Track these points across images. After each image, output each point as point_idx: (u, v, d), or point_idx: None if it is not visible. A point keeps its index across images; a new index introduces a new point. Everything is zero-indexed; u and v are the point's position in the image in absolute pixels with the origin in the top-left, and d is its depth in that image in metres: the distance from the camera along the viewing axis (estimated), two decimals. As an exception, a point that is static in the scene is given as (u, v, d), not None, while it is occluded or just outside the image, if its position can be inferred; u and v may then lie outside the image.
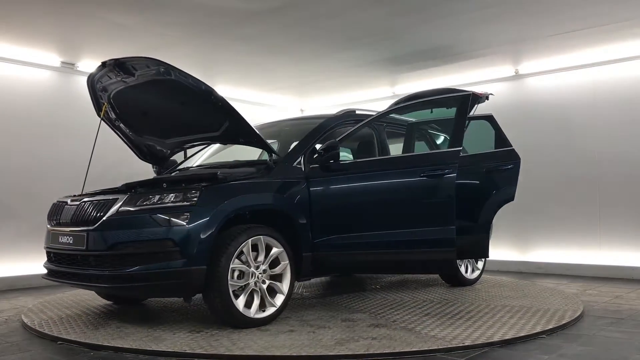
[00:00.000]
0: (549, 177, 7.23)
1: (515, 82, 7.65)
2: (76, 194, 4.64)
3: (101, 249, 3.91)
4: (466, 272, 5.86)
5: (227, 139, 5.14)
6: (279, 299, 4.16)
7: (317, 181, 4.50)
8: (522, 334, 3.71)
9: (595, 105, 6.98)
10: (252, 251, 4.02)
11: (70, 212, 4.29)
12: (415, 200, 4.63)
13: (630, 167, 6.67)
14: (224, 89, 8.76)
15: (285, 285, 4.18)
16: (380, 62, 7.30)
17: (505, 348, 3.48)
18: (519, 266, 7.38)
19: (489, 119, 5.42)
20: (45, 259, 4.64)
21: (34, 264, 6.64)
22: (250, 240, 3.98)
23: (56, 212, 4.51)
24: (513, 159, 5.30)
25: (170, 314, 4.61)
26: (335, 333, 3.79)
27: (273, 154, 4.61)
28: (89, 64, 7.13)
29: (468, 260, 5.84)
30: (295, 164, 4.56)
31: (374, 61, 7.24)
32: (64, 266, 4.24)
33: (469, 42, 6.44)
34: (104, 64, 4.45)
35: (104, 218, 3.96)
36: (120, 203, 3.99)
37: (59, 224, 4.39)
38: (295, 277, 4.34)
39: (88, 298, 5.48)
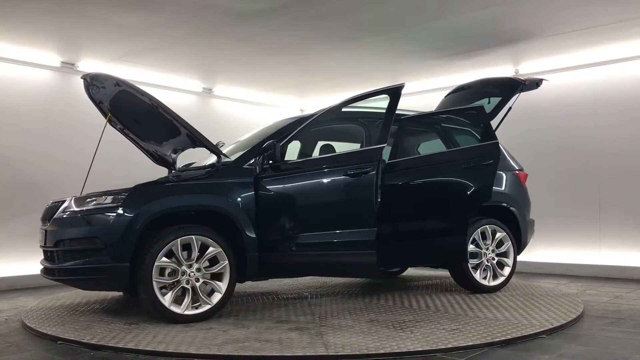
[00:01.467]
0: (549, 177, 7.22)
1: (515, 82, 7.64)
2: (77, 195, 4.67)
3: (50, 246, 4.39)
4: (484, 278, 5.31)
5: (191, 143, 5.21)
6: (216, 297, 4.27)
7: (263, 182, 4.56)
8: (522, 334, 3.71)
9: (595, 105, 6.98)
10: (187, 250, 4.22)
11: (44, 212, 4.74)
12: (338, 201, 4.59)
13: (631, 167, 6.67)
14: (224, 89, 8.78)
15: (224, 285, 4.28)
16: (380, 62, 7.30)
17: (505, 348, 3.48)
18: (519, 266, 7.34)
19: (479, 109, 5.14)
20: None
21: (34, 264, 6.62)
22: (179, 239, 4.17)
23: (44, 212, 4.84)
24: (493, 154, 4.90)
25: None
26: (241, 333, 3.80)
27: (222, 156, 4.77)
28: (89, 64, 7.14)
29: (489, 264, 5.33)
30: (246, 165, 4.64)
31: (374, 61, 7.23)
32: (43, 262, 4.67)
33: (469, 42, 6.44)
34: (84, 79, 4.79)
35: (54, 217, 4.42)
36: (67, 204, 4.43)
37: (42, 223, 4.76)
38: (239, 277, 4.48)
39: (88, 298, 5.48)
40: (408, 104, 6.00)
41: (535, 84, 5.58)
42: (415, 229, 4.97)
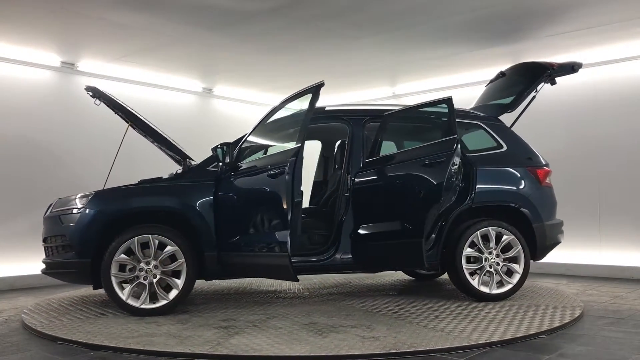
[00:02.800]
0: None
1: (515, 82, 7.64)
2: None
3: (42, 241, 4.94)
4: (487, 285, 4.88)
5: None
6: (173, 293, 4.49)
7: (223, 183, 4.71)
8: (522, 334, 3.71)
9: (595, 105, 6.98)
10: (146, 248, 4.49)
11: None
12: (258, 203, 4.56)
13: (631, 167, 6.67)
14: (224, 89, 8.78)
15: (181, 282, 4.50)
16: (380, 62, 7.30)
17: (505, 348, 3.48)
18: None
19: (447, 102, 4.73)
20: None
21: (34, 264, 6.64)
22: (136, 238, 4.45)
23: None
24: (446, 150, 4.50)
25: (171, 313, 4.61)
26: (185, 328, 3.92)
27: (188, 159, 5.03)
28: (89, 64, 7.14)
29: (493, 271, 4.89)
30: (210, 167, 4.84)
31: (374, 61, 7.24)
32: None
33: (469, 42, 6.44)
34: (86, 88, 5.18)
35: (44, 215, 4.98)
36: (53, 204, 4.96)
37: None
38: (199, 275, 4.67)
39: (88, 298, 5.48)
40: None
41: (570, 68, 5.27)
42: (374, 230, 4.79)
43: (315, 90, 4.47)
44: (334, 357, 3.30)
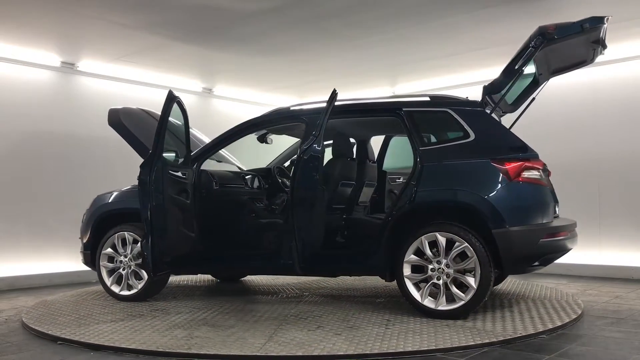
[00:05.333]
0: (549, 177, 7.22)
1: (515, 82, 7.63)
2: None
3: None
4: (433, 298, 4.22)
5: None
6: (141, 284, 5.14)
7: None
8: (522, 334, 3.71)
9: (595, 105, 6.98)
10: (126, 244, 5.21)
11: None
12: None
13: (631, 167, 6.66)
14: (224, 89, 8.78)
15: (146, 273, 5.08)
16: (380, 62, 7.30)
17: (505, 348, 3.48)
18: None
19: (332, 95, 4.50)
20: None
21: (34, 264, 6.66)
22: (116, 234, 5.23)
23: None
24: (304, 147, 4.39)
25: (171, 313, 4.61)
26: (185, 327, 3.85)
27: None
28: (89, 64, 7.14)
29: (442, 283, 4.20)
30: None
31: (374, 61, 7.23)
32: None
33: (468, 42, 6.44)
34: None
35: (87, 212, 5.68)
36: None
37: None
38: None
39: (88, 298, 5.48)
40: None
41: (579, 26, 4.20)
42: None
43: (166, 100, 4.69)
44: (334, 357, 3.30)
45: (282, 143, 6.40)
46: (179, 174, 4.86)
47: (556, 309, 4.51)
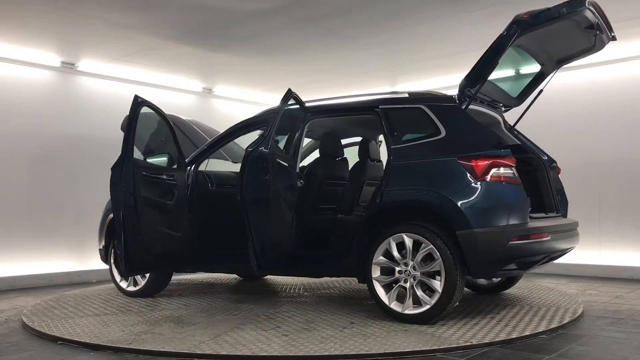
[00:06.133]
0: (549, 177, 7.22)
1: (515, 82, 7.64)
2: None
3: None
4: (401, 302, 4.09)
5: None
6: (144, 281, 5.43)
7: None
8: (522, 334, 3.71)
9: (595, 105, 6.98)
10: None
11: None
12: None
13: (631, 168, 6.66)
14: (224, 89, 8.78)
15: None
16: (380, 62, 7.30)
17: (505, 348, 3.48)
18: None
19: (286, 95, 4.58)
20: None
21: (34, 264, 6.66)
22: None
23: None
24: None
25: (171, 313, 4.61)
26: (183, 327, 3.83)
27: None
28: (89, 64, 7.14)
29: (409, 286, 4.07)
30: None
31: (374, 61, 7.23)
32: None
33: (469, 42, 6.44)
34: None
35: None
36: None
37: None
38: None
39: (88, 298, 5.48)
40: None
41: (556, 13, 3.88)
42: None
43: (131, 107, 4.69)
44: (334, 357, 3.30)
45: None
46: (164, 175, 4.96)
47: (556, 309, 4.51)
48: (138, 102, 4.63)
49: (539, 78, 4.93)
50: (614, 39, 4.46)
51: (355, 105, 4.90)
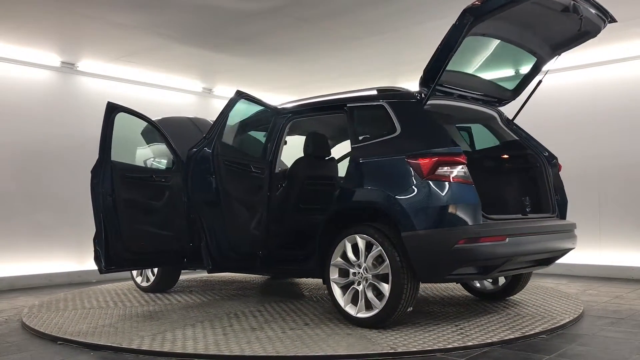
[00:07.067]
0: (549, 177, 7.22)
1: (515, 82, 7.64)
2: None
3: None
4: (355, 305, 4.01)
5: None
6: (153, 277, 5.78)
7: None
8: (522, 334, 3.71)
9: (595, 104, 6.98)
10: None
11: None
12: None
13: (631, 167, 6.66)
14: (224, 89, 8.78)
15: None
16: (380, 62, 7.30)
17: (505, 348, 3.48)
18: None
19: (232, 97, 4.74)
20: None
21: (34, 264, 6.66)
22: None
23: None
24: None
25: (173, 313, 4.61)
26: (182, 328, 3.82)
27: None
28: (89, 64, 7.14)
29: (362, 289, 3.97)
30: None
31: (374, 61, 7.23)
32: None
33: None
34: None
35: None
36: None
37: None
38: None
39: (88, 298, 5.48)
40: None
41: None
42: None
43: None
44: (334, 357, 3.30)
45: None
46: (153, 176, 5.12)
47: (556, 309, 4.51)
48: (112, 108, 4.75)
49: (535, 69, 4.77)
50: (612, 20, 4.27)
51: (326, 105, 4.76)
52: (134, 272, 5.91)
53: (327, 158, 5.37)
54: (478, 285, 5.07)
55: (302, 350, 3.37)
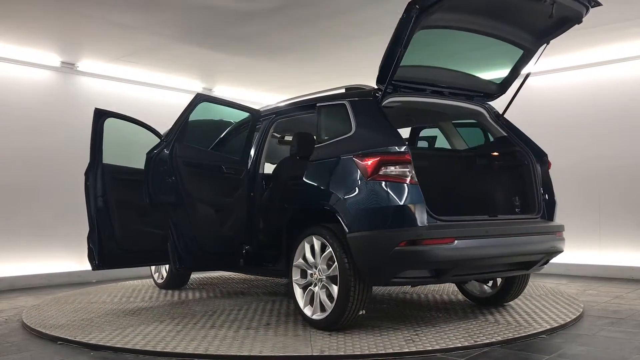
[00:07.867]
0: (549, 177, 7.21)
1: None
2: None
3: None
4: (312, 306, 4.00)
5: None
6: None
7: None
8: (522, 334, 3.71)
9: (595, 105, 6.98)
10: None
11: None
12: None
13: (631, 168, 6.66)
14: (224, 89, 8.78)
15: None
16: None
17: (505, 348, 3.48)
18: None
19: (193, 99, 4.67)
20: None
21: (34, 264, 6.66)
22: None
23: None
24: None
25: (172, 313, 4.61)
26: (182, 328, 3.82)
27: None
28: (89, 64, 7.14)
29: (317, 290, 3.95)
30: None
31: (374, 61, 7.22)
32: None
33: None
34: None
35: None
36: None
37: None
38: None
39: (88, 298, 5.48)
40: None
41: None
42: None
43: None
44: (334, 357, 3.30)
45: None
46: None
47: (556, 309, 4.51)
48: (100, 114, 4.91)
49: (522, 61, 4.59)
50: (597, 4, 4.09)
51: (301, 105, 4.74)
52: (152, 269, 6.17)
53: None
54: (476, 291, 4.82)
55: (230, 350, 3.43)
